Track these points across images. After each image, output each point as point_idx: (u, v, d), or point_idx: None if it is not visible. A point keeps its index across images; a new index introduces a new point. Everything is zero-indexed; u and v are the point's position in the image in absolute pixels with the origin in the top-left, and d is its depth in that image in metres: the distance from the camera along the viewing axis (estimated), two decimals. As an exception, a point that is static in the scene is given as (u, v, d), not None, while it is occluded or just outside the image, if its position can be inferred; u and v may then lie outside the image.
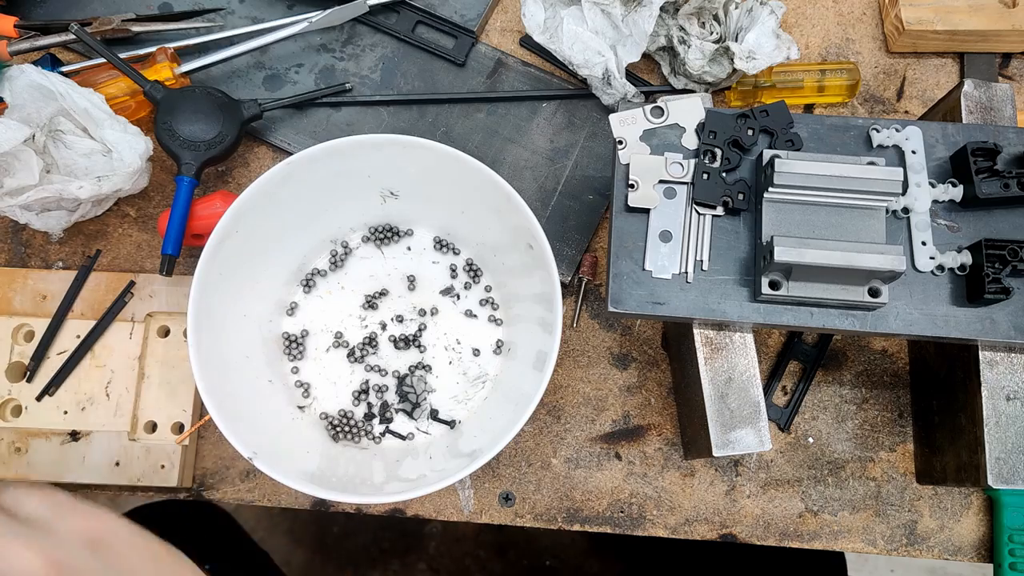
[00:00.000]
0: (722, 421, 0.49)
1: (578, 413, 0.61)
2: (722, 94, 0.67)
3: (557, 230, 0.63)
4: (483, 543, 1.38)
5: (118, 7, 0.68)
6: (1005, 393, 0.49)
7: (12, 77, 0.58)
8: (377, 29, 0.68)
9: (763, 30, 0.61)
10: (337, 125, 0.66)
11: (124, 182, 0.58)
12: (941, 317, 0.48)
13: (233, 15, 0.69)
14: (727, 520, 0.59)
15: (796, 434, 0.61)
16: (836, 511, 0.59)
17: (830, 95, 0.65)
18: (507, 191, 0.52)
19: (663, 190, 0.50)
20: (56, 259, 0.63)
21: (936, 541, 0.59)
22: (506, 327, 0.61)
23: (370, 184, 0.58)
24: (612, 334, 0.62)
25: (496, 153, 0.65)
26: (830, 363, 0.62)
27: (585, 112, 0.66)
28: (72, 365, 0.59)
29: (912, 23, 0.65)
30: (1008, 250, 0.46)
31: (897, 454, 0.60)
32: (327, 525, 1.39)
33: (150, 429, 0.57)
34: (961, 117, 0.55)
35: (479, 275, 0.61)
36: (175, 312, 0.60)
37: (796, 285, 0.47)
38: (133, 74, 0.60)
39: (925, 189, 0.50)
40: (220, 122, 0.60)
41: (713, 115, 0.51)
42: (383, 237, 0.62)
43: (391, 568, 1.38)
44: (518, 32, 0.69)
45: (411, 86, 0.67)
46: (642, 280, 0.49)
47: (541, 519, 0.59)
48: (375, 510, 0.59)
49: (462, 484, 0.59)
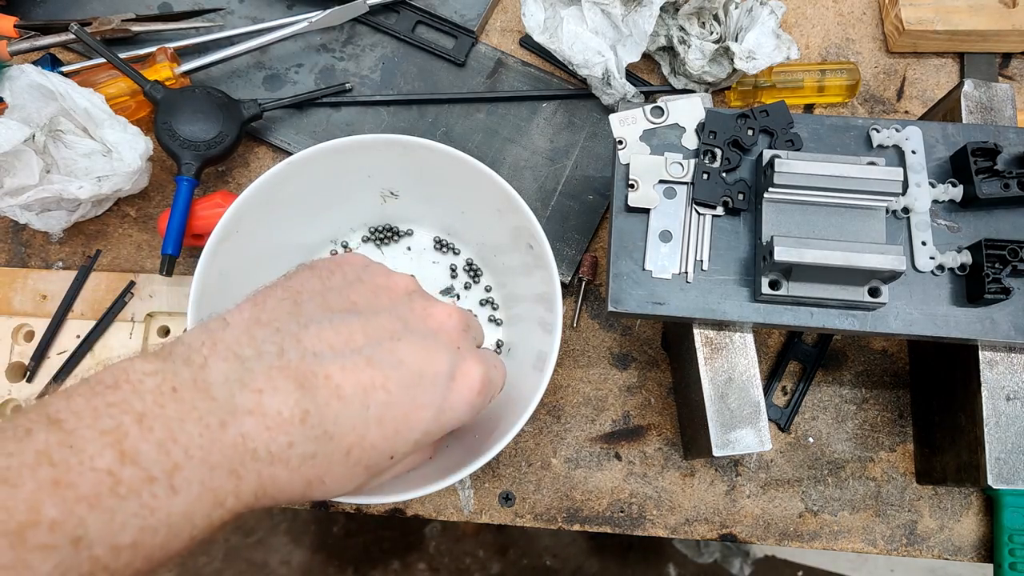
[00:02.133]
0: (722, 421, 0.49)
1: (578, 413, 0.61)
2: (722, 94, 0.67)
3: (557, 230, 0.63)
4: (483, 543, 1.38)
5: (118, 7, 0.68)
6: (1005, 393, 0.49)
7: (12, 77, 0.58)
8: (377, 29, 0.68)
9: (763, 30, 0.61)
10: (337, 125, 0.66)
11: (124, 182, 0.58)
12: (941, 317, 0.48)
13: (233, 15, 0.69)
14: (727, 520, 0.59)
15: (796, 434, 0.61)
16: (836, 511, 0.59)
17: (830, 95, 0.65)
18: (507, 191, 0.52)
19: (663, 190, 0.50)
20: (56, 259, 0.63)
21: (936, 541, 0.59)
22: (506, 327, 0.61)
23: (370, 184, 0.58)
24: (612, 334, 0.62)
25: (496, 153, 0.65)
26: (830, 363, 0.62)
27: (585, 112, 0.66)
28: (72, 365, 0.59)
29: (912, 23, 0.65)
30: (1008, 250, 0.46)
31: (897, 454, 0.60)
32: (327, 525, 1.40)
33: (150, 429, 0.57)
34: (961, 117, 0.55)
35: (479, 275, 0.61)
36: (175, 312, 0.60)
37: (796, 285, 0.47)
38: (133, 74, 0.60)
39: (925, 189, 0.50)
40: (220, 122, 0.60)
41: (713, 115, 0.51)
42: (383, 237, 0.62)
43: (391, 568, 1.38)
44: (518, 32, 0.69)
45: (411, 86, 0.67)
46: (642, 280, 0.49)
47: (541, 519, 0.59)
48: (375, 510, 0.59)
49: (462, 484, 0.59)
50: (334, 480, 0.30)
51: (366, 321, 0.32)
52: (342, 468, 0.30)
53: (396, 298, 0.34)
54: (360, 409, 0.30)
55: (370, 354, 0.30)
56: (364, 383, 0.30)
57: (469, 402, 0.33)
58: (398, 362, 0.31)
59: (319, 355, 0.30)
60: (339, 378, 0.29)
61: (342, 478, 0.30)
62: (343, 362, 0.30)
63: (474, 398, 0.34)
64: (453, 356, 0.33)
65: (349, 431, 0.29)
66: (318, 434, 0.29)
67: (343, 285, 0.34)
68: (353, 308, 0.32)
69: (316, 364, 0.29)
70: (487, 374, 0.34)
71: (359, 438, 0.30)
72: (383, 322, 0.32)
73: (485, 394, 0.34)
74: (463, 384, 0.33)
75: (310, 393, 0.28)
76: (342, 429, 0.29)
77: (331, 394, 0.29)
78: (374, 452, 0.31)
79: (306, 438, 0.28)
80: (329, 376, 0.29)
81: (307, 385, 0.28)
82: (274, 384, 0.28)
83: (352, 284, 0.34)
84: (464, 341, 0.34)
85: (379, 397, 0.30)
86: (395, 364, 0.31)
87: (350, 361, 0.30)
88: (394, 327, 0.32)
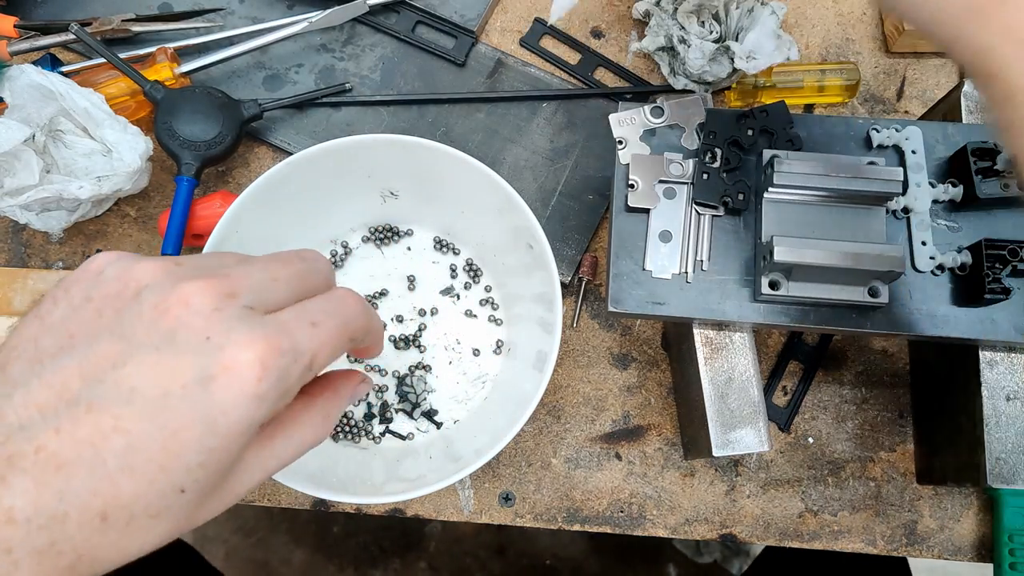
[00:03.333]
0: (722, 421, 0.49)
1: (578, 413, 0.61)
2: (722, 94, 0.67)
3: (557, 230, 0.63)
4: (483, 543, 1.38)
5: (118, 7, 0.68)
6: (1005, 393, 0.49)
7: (12, 77, 0.58)
8: (377, 29, 0.68)
9: (764, 30, 0.61)
10: (337, 125, 0.66)
11: (124, 182, 0.58)
12: (941, 317, 0.48)
13: (233, 15, 0.69)
14: (727, 520, 0.59)
15: (796, 434, 0.61)
16: (836, 511, 0.59)
17: (830, 95, 0.65)
18: (507, 191, 0.52)
19: (663, 190, 0.50)
20: (56, 259, 0.63)
21: (936, 541, 0.59)
22: (506, 327, 0.61)
23: (370, 184, 0.58)
24: (612, 334, 0.62)
25: (496, 153, 0.65)
26: (830, 363, 0.62)
27: (585, 112, 0.66)
28: (72, 365, 0.59)
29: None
30: (1008, 250, 0.46)
31: (897, 454, 0.60)
32: (327, 525, 1.40)
33: (150, 429, 0.57)
34: (961, 117, 0.55)
35: (479, 275, 0.62)
36: (175, 312, 0.60)
37: (796, 285, 0.47)
38: (133, 74, 0.60)
39: (925, 189, 0.50)
40: (220, 122, 0.60)
41: (713, 115, 0.51)
42: (383, 237, 0.62)
43: (391, 568, 1.38)
44: (518, 32, 0.69)
45: (411, 86, 0.67)
46: (642, 280, 0.49)
47: (541, 519, 0.59)
48: (375, 510, 0.59)
49: (462, 484, 0.59)
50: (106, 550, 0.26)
51: (83, 358, 0.26)
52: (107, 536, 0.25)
53: (123, 308, 0.28)
54: (94, 467, 0.25)
55: (90, 398, 0.25)
56: (89, 437, 0.25)
57: (246, 394, 0.27)
58: (129, 392, 0.26)
59: (26, 427, 0.25)
60: (54, 445, 0.25)
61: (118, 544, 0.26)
62: (57, 423, 0.25)
63: (252, 387, 0.27)
64: (201, 354, 0.26)
65: (91, 496, 0.25)
66: (42, 523, 0.24)
67: (65, 316, 0.28)
68: (68, 345, 0.27)
69: (23, 440, 0.25)
70: (271, 346, 0.27)
71: (111, 497, 0.25)
72: (102, 350, 0.26)
73: (276, 372, 0.27)
74: (227, 380, 0.27)
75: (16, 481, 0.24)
76: (79, 500, 0.25)
77: (47, 468, 0.24)
78: (146, 500, 0.26)
79: (26, 535, 0.24)
80: (42, 447, 0.25)
81: (13, 472, 0.24)
82: None
83: (77, 310, 0.28)
84: (216, 324, 0.27)
85: (116, 444, 0.25)
86: (125, 398, 0.26)
87: (66, 418, 0.25)
88: (114, 351, 0.26)
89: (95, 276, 0.29)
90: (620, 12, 0.67)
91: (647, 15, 0.65)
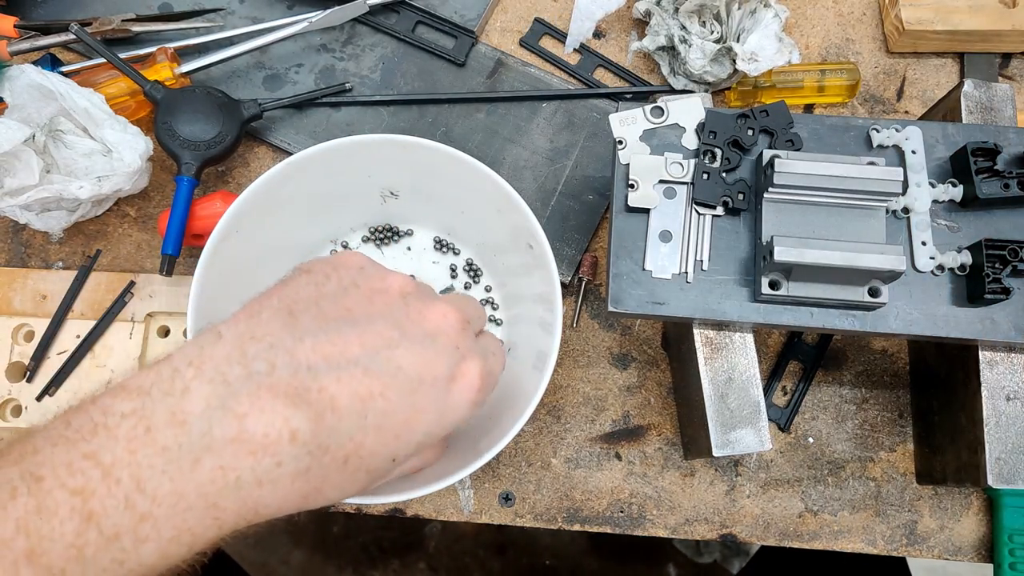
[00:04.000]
0: (722, 421, 0.49)
1: (578, 413, 0.61)
2: (722, 94, 0.67)
3: (557, 230, 0.63)
4: (483, 543, 1.38)
5: (118, 7, 0.68)
6: (1005, 393, 0.49)
7: (12, 77, 0.58)
8: (377, 29, 0.68)
9: (766, 33, 0.61)
10: (337, 125, 0.66)
11: (124, 182, 0.58)
12: (941, 317, 0.48)
13: (233, 15, 0.69)
14: (727, 520, 0.59)
15: (796, 434, 0.61)
16: (836, 511, 0.59)
17: (830, 95, 0.65)
18: (507, 191, 0.52)
19: (663, 190, 0.50)
20: (56, 259, 0.63)
21: (936, 541, 0.59)
22: (506, 327, 0.61)
23: (370, 184, 0.58)
24: (612, 334, 0.62)
25: (496, 153, 0.65)
26: (830, 363, 0.62)
27: (585, 112, 0.66)
28: (72, 365, 0.59)
29: (912, 23, 0.65)
30: (1008, 250, 0.46)
31: (897, 454, 0.60)
32: (327, 525, 1.40)
33: (150, 429, 0.57)
34: (961, 117, 0.55)
35: (479, 275, 0.61)
36: (175, 312, 0.60)
37: (796, 285, 0.47)
38: (133, 74, 0.60)
39: (925, 189, 0.50)
40: (220, 122, 0.60)
41: (713, 115, 0.51)
42: (383, 237, 0.62)
43: (391, 567, 1.38)
44: (518, 32, 0.69)
45: (411, 86, 0.67)
46: (642, 280, 0.49)
47: (541, 519, 0.59)
48: (375, 510, 0.59)
49: (462, 484, 0.59)
50: (333, 488, 0.31)
51: (362, 330, 0.32)
52: (340, 477, 0.30)
53: (391, 302, 0.34)
54: (357, 419, 0.30)
55: (367, 364, 0.31)
56: (361, 393, 0.30)
57: (470, 400, 0.34)
58: (396, 369, 0.31)
59: (313, 369, 0.30)
60: (334, 390, 0.29)
61: (341, 486, 0.31)
62: (339, 373, 0.30)
63: (475, 395, 0.34)
64: (451, 358, 0.33)
65: (346, 441, 0.30)
66: (311, 449, 0.29)
67: (338, 292, 0.34)
68: (348, 316, 0.32)
69: (310, 379, 0.29)
70: (485, 367, 0.35)
71: (357, 447, 0.30)
72: (379, 330, 0.32)
73: (486, 389, 0.35)
74: (463, 384, 0.33)
75: (302, 409, 0.28)
76: (338, 440, 0.29)
77: (325, 407, 0.29)
78: (373, 458, 0.31)
79: (296, 455, 0.28)
80: (323, 389, 0.29)
81: (299, 401, 0.28)
82: (260, 405, 0.28)
83: (347, 290, 0.34)
84: (462, 339, 0.34)
85: (377, 405, 0.30)
86: (393, 372, 0.31)
87: (346, 372, 0.30)
88: (390, 335, 0.32)
89: (357, 269, 0.35)
90: (620, 11, 0.67)
91: (648, 15, 0.65)
